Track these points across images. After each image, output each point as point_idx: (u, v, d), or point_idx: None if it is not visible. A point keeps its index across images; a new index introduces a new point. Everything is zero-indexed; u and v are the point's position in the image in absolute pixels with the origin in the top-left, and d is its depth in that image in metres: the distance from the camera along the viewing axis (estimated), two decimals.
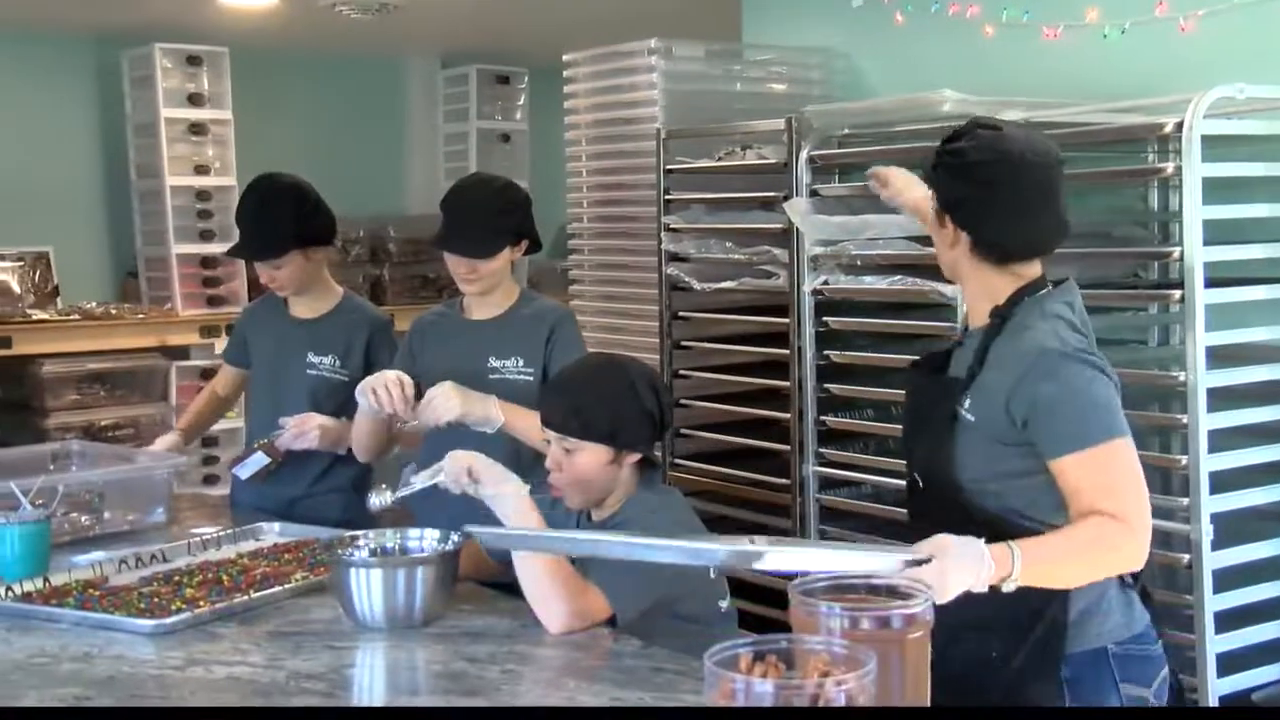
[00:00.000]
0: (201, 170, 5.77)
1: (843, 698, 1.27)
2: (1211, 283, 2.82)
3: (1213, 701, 2.80)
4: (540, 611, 2.22)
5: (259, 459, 3.14)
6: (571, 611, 2.20)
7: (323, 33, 5.83)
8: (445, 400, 2.73)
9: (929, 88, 3.30)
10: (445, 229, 2.91)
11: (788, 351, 3.68)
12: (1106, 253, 3.30)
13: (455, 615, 2.31)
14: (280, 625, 2.29)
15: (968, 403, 2.05)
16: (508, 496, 2.28)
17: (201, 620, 2.29)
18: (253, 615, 2.34)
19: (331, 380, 3.20)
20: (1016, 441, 2.01)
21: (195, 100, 5.75)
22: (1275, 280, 3.00)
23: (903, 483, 2.38)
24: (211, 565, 2.62)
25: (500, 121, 6.77)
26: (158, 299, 5.79)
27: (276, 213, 3.16)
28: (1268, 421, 2.97)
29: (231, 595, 2.40)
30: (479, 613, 2.31)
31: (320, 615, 2.34)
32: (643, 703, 1.90)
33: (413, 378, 2.81)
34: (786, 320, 3.68)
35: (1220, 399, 2.86)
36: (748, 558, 1.72)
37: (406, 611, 2.25)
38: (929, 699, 1.56)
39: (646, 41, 4.10)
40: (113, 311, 5.61)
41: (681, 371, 4.06)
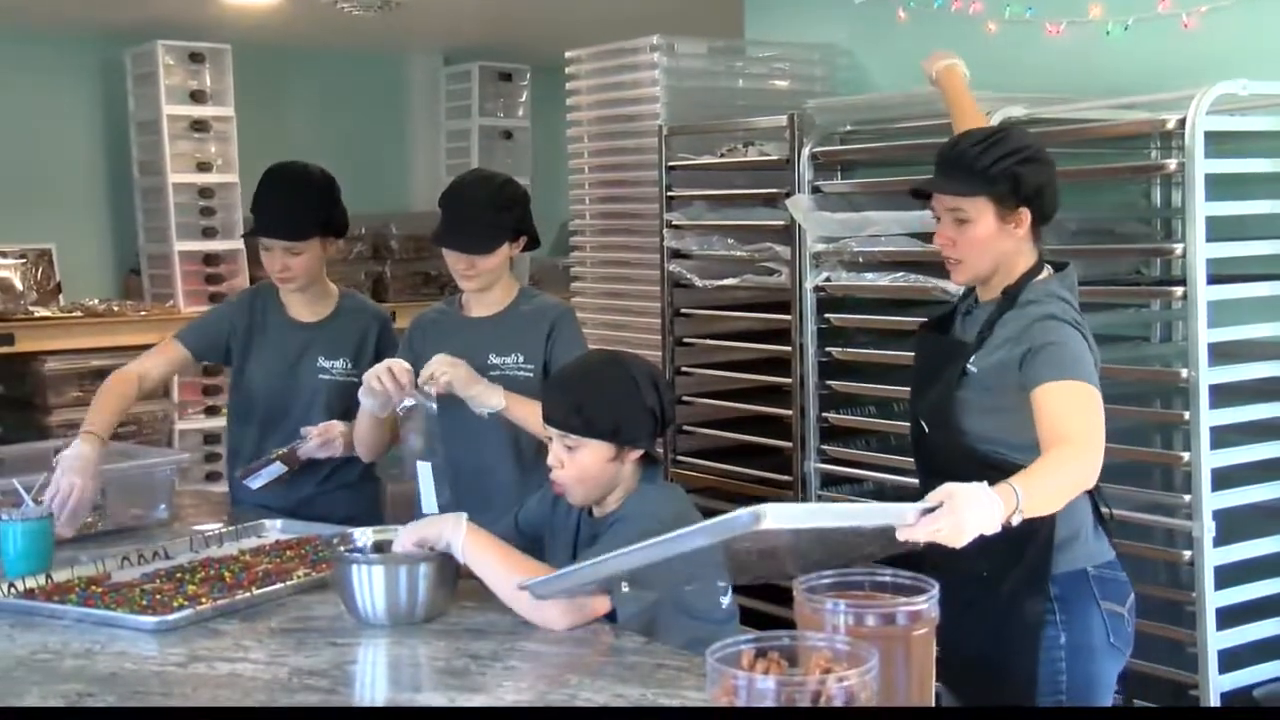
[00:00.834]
0: (204, 167, 5.77)
1: (844, 694, 1.27)
2: (1214, 279, 2.82)
3: (1214, 698, 2.80)
4: (536, 617, 2.22)
5: (276, 469, 3.07)
6: (567, 606, 2.19)
7: (325, 29, 5.83)
8: (452, 365, 2.77)
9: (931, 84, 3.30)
10: (443, 225, 2.91)
11: (789, 348, 3.68)
12: (1109, 249, 3.30)
13: (457, 611, 2.31)
14: (282, 622, 2.30)
15: (974, 359, 2.29)
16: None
17: (204, 617, 2.29)
18: (255, 612, 2.34)
19: (344, 383, 3.13)
20: (1014, 386, 2.22)
21: (198, 97, 5.75)
22: (1278, 277, 3.00)
23: (905, 481, 2.43)
24: (214, 562, 2.62)
25: (503, 118, 6.77)
26: (160, 296, 5.80)
27: (305, 195, 3.12)
28: (1270, 418, 2.97)
29: (234, 592, 2.40)
30: (481, 609, 2.31)
31: (322, 612, 2.34)
32: (645, 699, 1.90)
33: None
34: (788, 317, 3.68)
35: (1222, 395, 2.86)
36: (749, 521, 1.66)
37: (408, 608, 2.25)
38: (933, 697, 1.56)
39: (649, 38, 4.10)
40: (115, 308, 5.62)
41: (683, 368, 4.06)
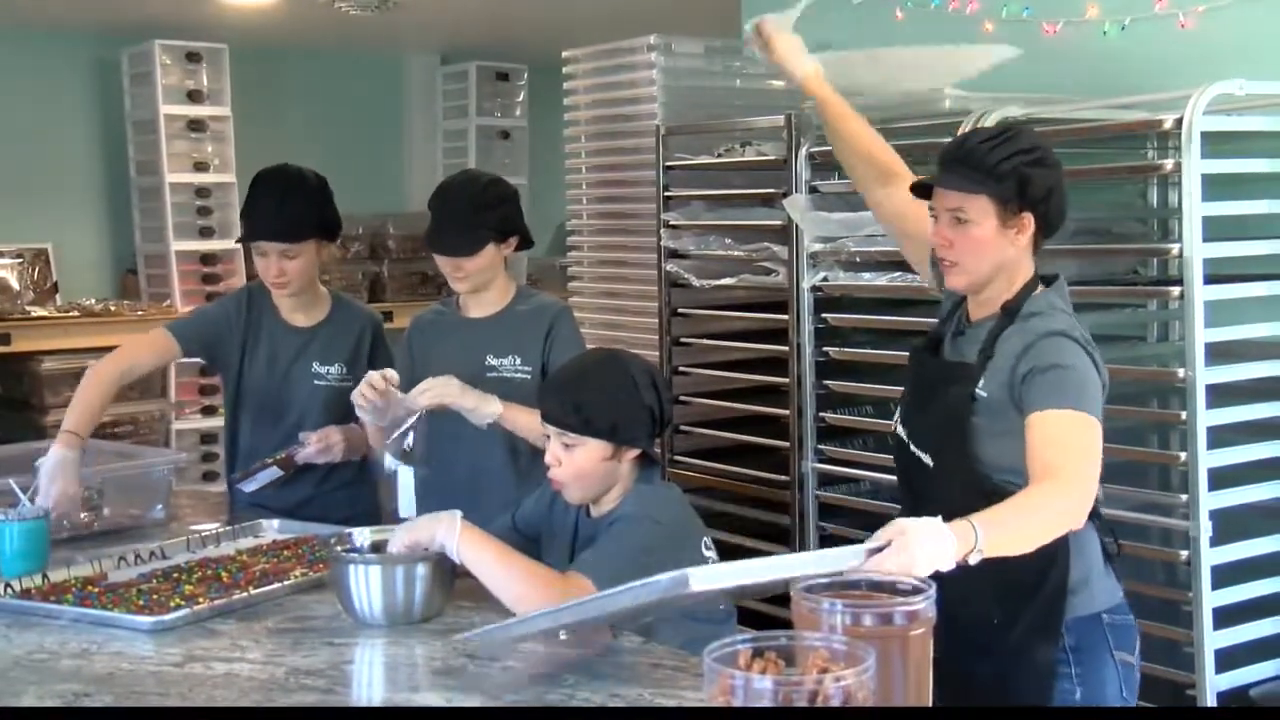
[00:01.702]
0: (201, 167, 5.77)
1: (842, 694, 1.27)
2: (1211, 279, 2.82)
3: (1211, 698, 2.80)
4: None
5: (271, 473, 3.07)
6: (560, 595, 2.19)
7: (322, 29, 5.83)
8: (444, 385, 2.76)
9: (930, 84, 3.30)
10: (430, 228, 2.92)
11: (787, 348, 3.68)
12: (1106, 249, 3.30)
13: (454, 611, 2.31)
14: (279, 622, 2.30)
15: (983, 382, 2.16)
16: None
17: (200, 617, 2.29)
18: (252, 612, 2.34)
19: (339, 389, 3.11)
20: (1015, 404, 2.12)
21: (195, 97, 5.75)
22: (1275, 276, 3.00)
23: None
24: (211, 562, 2.62)
25: (500, 118, 6.77)
26: (157, 296, 5.80)
27: (300, 197, 3.10)
28: (1267, 418, 2.97)
29: (230, 592, 2.40)
30: (478, 609, 2.31)
31: (320, 612, 2.34)
32: (642, 699, 1.90)
33: (412, 377, 2.82)
34: (786, 317, 3.68)
35: (1219, 395, 2.86)
36: (672, 585, 1.65)
37: (406, 608, 2.25)
38: (930, 698, 1.56)
39: (646, 38, 4.10)
40: (112, 308, 5.62)
41: (681, 368, 4.06)
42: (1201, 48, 3.28)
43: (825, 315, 3.61)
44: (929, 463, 2.24)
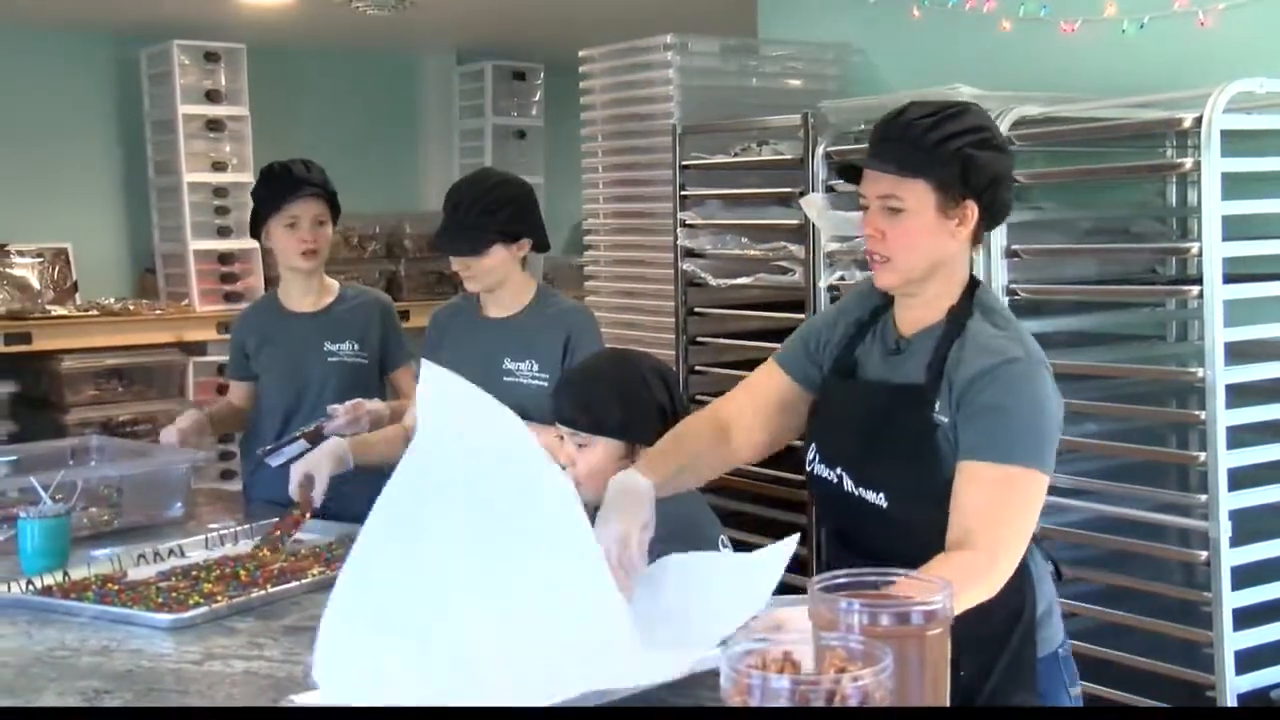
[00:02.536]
0: (219, 166, 5.79)
1: (859, 694, 1.26)
2: (1230, 278, 2.81)
3: (1231, 699, 2.78)
4: None
5: (300, 446, 3.09)
6: None
7: (339, 29, 5.84)
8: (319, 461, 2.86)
9: (945, 83, 3.29)
10: (441, 227, 2.94)
11: None
12: (1124, 248, 3.29)
13: None
14: (297, 620, 2.30)
15: (938, 405, 1.91)
16: None
17: (219, 615, 2.30)
18: (270, 610, 2.34)
19: (354, 364, 3.28)
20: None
21: (213, 97, 5.78)
22: None
23: None
24: (229, 560, 2.63)
25: (516, 118, 6.78)
26: (175, 295, 5.82)
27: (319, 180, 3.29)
28: None
29: (249, 590, 2.41)
30: None
31: None
32: (659, 699, 1.90)
33: None
34: (802, 316, 3.67)
35: (1239, 395, 2.84)
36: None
37: None
38: (948, 698, 1.55)
39: (662, 37, 4.10)
40: (131, 307, 5.65)
41: (697, 367, 4.06)
42: (1221, 46, 3.27)
43: None
44: (881, 504, 1.95)
